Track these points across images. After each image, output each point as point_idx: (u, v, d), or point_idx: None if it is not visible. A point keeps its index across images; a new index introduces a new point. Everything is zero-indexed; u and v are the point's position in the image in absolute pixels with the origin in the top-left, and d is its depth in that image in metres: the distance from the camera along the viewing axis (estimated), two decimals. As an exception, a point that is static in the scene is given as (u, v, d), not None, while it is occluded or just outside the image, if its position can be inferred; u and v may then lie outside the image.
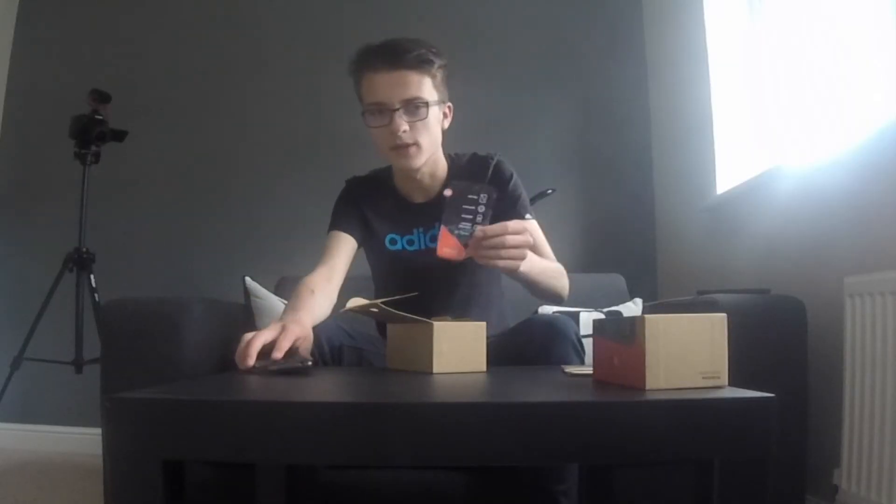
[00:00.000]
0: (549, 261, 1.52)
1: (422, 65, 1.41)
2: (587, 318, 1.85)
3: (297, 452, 0.78)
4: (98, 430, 2.03)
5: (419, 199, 1.58)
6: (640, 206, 2.87)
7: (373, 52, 1.42)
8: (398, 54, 1.39)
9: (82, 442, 2.68)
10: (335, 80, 2.92)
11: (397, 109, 1.40)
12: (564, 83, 2.94)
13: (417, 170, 1.50)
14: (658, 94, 2.87)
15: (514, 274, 1.31)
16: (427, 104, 1.42)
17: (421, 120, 1.42)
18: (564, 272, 1.53)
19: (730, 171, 2.29)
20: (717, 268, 2.32)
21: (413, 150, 1.44)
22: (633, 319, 0.87)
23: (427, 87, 1.42)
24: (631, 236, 2.83)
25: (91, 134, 2.49)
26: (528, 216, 1.53)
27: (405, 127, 1.41)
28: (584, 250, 2.75)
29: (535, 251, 1.47)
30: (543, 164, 2.83)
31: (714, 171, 2.32)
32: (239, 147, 2.97)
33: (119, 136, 2.55)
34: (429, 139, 1.46)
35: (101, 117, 2.49)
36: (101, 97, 2.49)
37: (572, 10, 2.96)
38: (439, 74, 1.45)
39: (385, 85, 1.40)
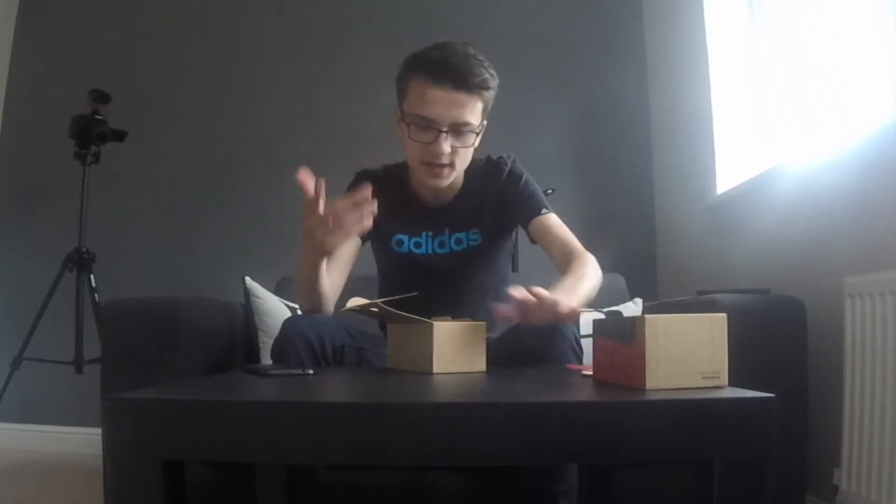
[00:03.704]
0: (585, 268, 1.37)
1: (482, 91, 1.36)
2: (587, 318, 1.84)
3: (297, 452, 0.78)
4: (98, 430, 2.03)
5: (431, 203, 1.55)
6: (640, 206, 2.87)
7: (438, 65, 1.33)
8: (463, 77, 1.32)
9: (82, 442, 2.67)
10: (335, 81, 2.96)
11: (444, 131, 1.35)
12: (564, 83, 2.94)
13: (441, 187, 1.48)
14: (658, 94, 2.87)
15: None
16: (475, 132, 1.39)
17: (465, 147, 1.40)
18: (596, 266, 1.40)
19: (730, 171, 2.29)
20: (717, 268, 2.32)
21: (447, 170, 1.41)
22: (633, 319, 0.87)
23: (477, 112, 1.38)
24: (631, 236, 2.83)
25: (91, 134, 2.49)
26: (544, 210, 1.50)
27: (448, 150, 1.37)
28: (584, 250, 2.75)
29: (559, 242, 1.45)
30: (543, 164, 2.82)
31: (714, 170, 2.32)
32: (239, 147, 2.97)
33: (119, 136, 2.55)
34: (463, 162, 1.44)
35: (101, 117, 2.49)
36: (101, 97, 2.49)
37: (572, 10, 2.96)
38: (492, 95, 1.40)
39: (440, 103, 1.33)
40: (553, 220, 1.50)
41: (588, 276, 1.35)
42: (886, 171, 1.47)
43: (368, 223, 1.21)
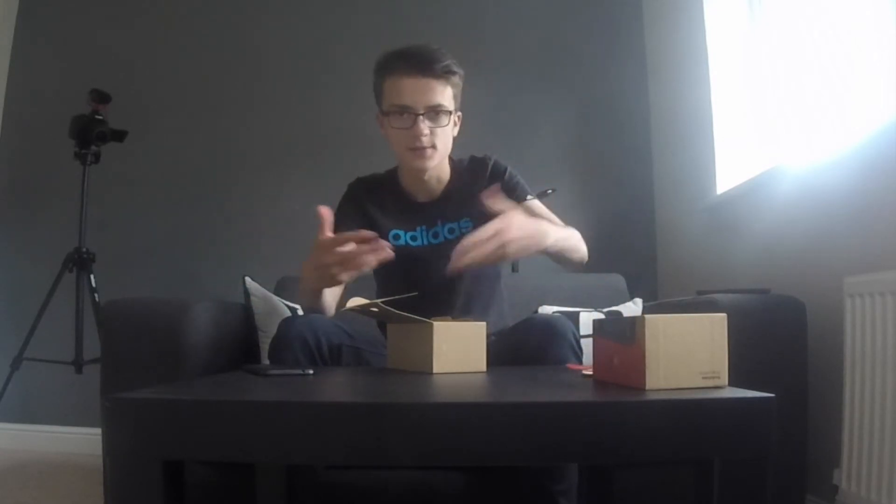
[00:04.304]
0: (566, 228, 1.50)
1: (447, 75, 1.49)
2: (587, 318, 1.85)
3: (297, 452, 0.78)
4: (98, 430, 2.03)
5: (422, 198, 1.62)
6: (640, 206, 2.87)
7: (403, 57, 1.48)
8: (428, 63, 1.46)
9: (82, 442, 2.68)
10: (335, 81, 2.96)
11: (421, 114, 1.47)
12: (564, 83, 2.93)
13: (428, 171, 1.55)
14: (658, 94, 2.87)
15: (545, 250, 1.33)
16: (449, 113, 1.50)
17: (441, 127, 1.50)
18: (581, 238, 1.52)
19: (730, 171, 2.29)
20: (717, 268, 2.32)
21: (430, 152, 1.50)
22: (633, 319, 0.87)
23: (448, 96, 1.50)
24: (631, 236, 2.83)
25: (91, 134, 2.49)
26: (529, 197, 1.60)
27: (427, 132, 1.48)
28: (584, 250, 2.75)
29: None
30: (543, 164, 2.83)
31: (714, 170, 2.32)
32: (239, 147, 2.97)
33: (119, 136, 2.55)
34: (444, 144, 1.53)
35: (101, 117, 2.49)
36: (101, 97, 2.49)
37: (572, 10, 2.96)
38: (459, 85, 1.53)
39: (412, 90, 1.47)
40: (537, 205, 1.61)
41: (572, 232, 1.47)
42: (886, 171, 1.47)
43: (383, 255, 1.20)
